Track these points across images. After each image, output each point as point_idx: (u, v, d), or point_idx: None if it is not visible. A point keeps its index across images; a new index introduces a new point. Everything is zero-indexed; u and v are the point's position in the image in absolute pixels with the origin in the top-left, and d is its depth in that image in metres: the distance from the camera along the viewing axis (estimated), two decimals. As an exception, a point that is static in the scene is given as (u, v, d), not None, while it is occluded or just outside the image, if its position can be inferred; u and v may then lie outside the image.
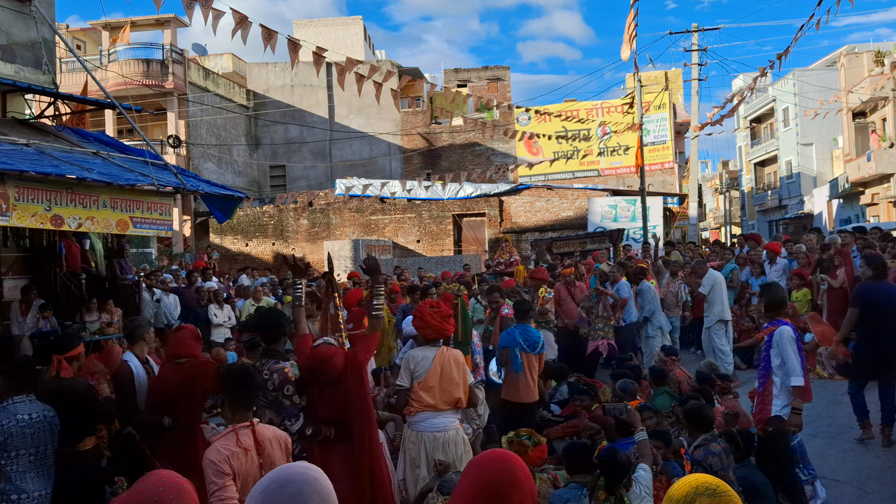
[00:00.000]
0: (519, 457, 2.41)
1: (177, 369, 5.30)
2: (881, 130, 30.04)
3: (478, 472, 2.28)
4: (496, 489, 2.21)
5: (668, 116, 32.42)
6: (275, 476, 1.91)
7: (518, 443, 5.20)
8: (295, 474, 1.91)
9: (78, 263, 10.35)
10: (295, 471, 1.93)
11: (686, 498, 2.00)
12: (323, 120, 35.12)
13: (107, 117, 25.91)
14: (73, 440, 4.90)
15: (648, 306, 10.72)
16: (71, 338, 5.53)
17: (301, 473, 1.92)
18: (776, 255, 12.69)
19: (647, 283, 10.89)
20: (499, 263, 12.56)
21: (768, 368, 5.58)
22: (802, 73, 40.61)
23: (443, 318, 5.33)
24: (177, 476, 2.21)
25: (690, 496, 2.00)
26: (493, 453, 2.40)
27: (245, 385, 3.86)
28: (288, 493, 1.84)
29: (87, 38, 32.55)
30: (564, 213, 27.54)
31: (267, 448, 3.74)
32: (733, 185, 57.36)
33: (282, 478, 1.90)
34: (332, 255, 22.54)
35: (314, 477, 1.91)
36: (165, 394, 5.25)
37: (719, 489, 2.01)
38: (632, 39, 14.11)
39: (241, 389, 3.84)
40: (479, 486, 2.23)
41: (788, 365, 5.41)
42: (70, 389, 5.00)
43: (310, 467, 1.97)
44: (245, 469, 3.62)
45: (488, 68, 38.31)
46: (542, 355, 7.23)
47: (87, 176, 7.33)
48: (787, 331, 5.46)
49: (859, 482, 6.32)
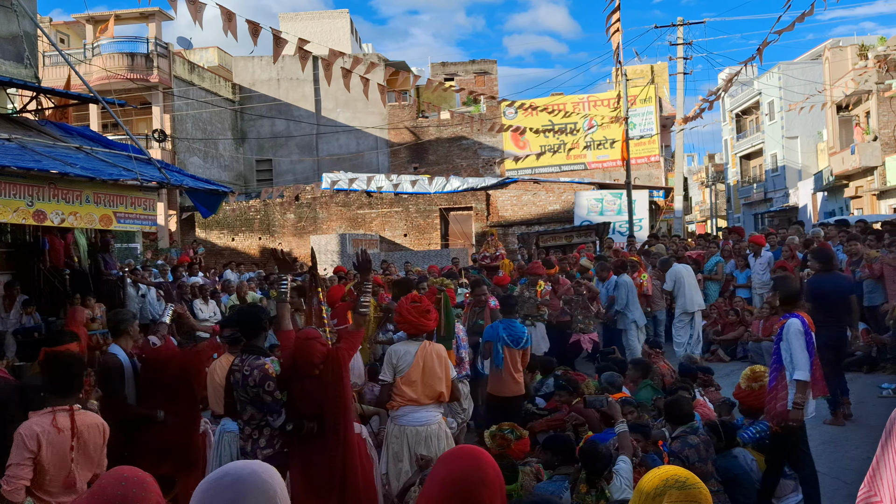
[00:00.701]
0: (489, 453, 2.39)
1: (159, 354, 5.48)
2: (865, 124, 30.22)
3: (447, 471, 2.26)
4: (466, 488, 2.18)
5: (655, 110, 32.52)
6: (216, 471, 1.96)
7: (501, 436, 5.22)
8: (233, 468, 1.95)
9: (62, 259, 10.29)
10: (234, 465, 1.97)
11: (656, 490, 2.02)
12: (309, 114, 35.01)
13: (91, 111, 25.70)
14: None
15: (621, 300, 10.79)
16: (63, 335, 5.56)
17: (240, 467, 1.95)
18: (760, 247, 12.77)
19: (624, 276, 10.95)
20: (485, 257, 12.51)
21: (780, 362, 5.49)
22: (787, 67, 40.72)
23: (420, 314, 5.35)
24: (138, 471, 2.22)
25: (660, 488, 2.02)
26: (463, 450, 2.37)
27: (60, 374, 4.01)
28: (224, 484, 1.88)
29: (71, 31, 32.28)
30: (551, 207, 27.59)
31: (84, 433, 3.92)
32: (719, 178, 57.53)
33: (221, 471, 1.94)
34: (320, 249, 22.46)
35: (253, 470, 1.93)
36: (153, 382, 5.39)
37: (689, 481, 2.03)
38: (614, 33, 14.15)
39: (58, 377, 4.01)
40: (448, 484, 2.21)
41: (793, 358, 5.37)
42: None
43: (252, 463, 1.99)
44: (56, 448, 3.81)
45: (475, 62, 38.30)
46: (526, 350, 7.26)
47: (70, 171, 7.30)
48: (796, 324, 5.38)
49: (838, 473, 6.39)
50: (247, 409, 4.59)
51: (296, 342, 4.70)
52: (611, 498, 4.35)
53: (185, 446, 5.40)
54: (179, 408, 5.36)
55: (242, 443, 4.72)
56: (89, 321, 9.55)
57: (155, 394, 5.38)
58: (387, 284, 10.79)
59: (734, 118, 51.06)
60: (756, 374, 6.20)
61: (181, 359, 5.58)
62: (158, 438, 5.27)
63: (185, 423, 5.40)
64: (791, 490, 5.99)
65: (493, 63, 37.94)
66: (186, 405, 5.45)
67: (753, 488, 5.56)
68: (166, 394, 5.36)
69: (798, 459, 5.53)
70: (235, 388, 4.61)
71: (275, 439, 4.66)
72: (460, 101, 34.27)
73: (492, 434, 5.21)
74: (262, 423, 4.60)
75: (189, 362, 5.54)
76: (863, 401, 8.30)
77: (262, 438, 4.63)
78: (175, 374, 5.44)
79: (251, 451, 4.62)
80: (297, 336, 4.77)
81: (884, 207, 28.11)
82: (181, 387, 5.43)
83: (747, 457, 5.76)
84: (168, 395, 5.35)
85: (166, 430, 5.28)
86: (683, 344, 11.10)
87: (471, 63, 38.27)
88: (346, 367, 4.75)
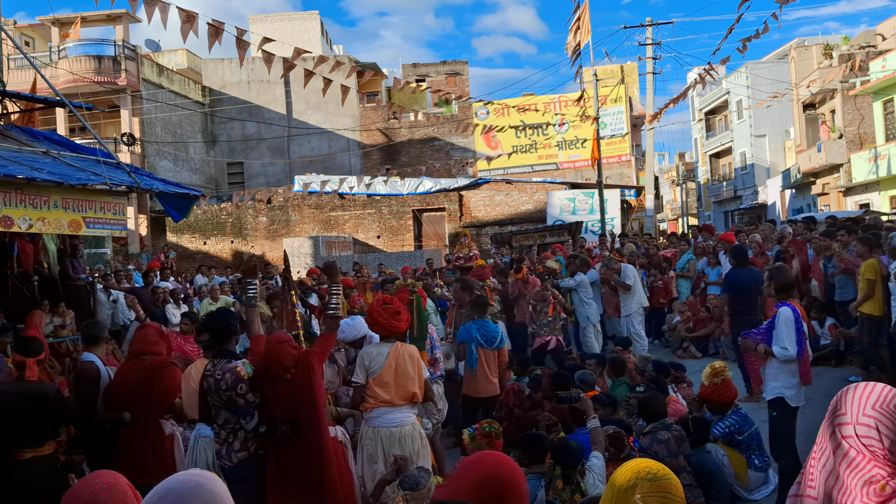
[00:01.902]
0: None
1: (139, 365, 5.44)
2: (830, 122, 30.70)
3: (478, 474, 2.36)
4: (500, 489, 2.30)
5: (625, 110, 32.77)
6: (157, 488, 1.92)
7: (483, 434, 5.24)
8: (175, 482, 1.92)
9: (31, 264, 10.14)
10: (176, 480, 1.94)
11: (628, 483, 2.04)
12: (281, 116, 34.83)
13: (58, 116, 25.37)
14: (34, 444, 4.87)
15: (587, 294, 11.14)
16: (30, 343, 5.50)
17: (182, 481, 1.93)
18: (731, 244, 12.89)
19: (580, 274, 11.20)
20: (458, 258, 12.56)
21: (766, 341, 5.64)
22: (755, 66, 41.28)
23: (391, 315, 5.35)
24: (110, 476, 2.20)
25: (632, 481, 2.04)
26: (490, 455, 2.49)
27: None
28: (170, 502, 1.86)
29: (36, 34, 31.84)
30: (524, 207, 27.70)
31: None
32: (689, 176, 58.13)
33: (163, 488, 1.91)
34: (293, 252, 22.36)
35: (197, 482, 1.92)
36: (125, 390, 5.37)
37: (660, 473, 2.05)
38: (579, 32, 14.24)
39: None
40: (482, 486, 2.32)
41: (778, 338, 5.52)
42: (39, 393, 4.97)
43: (195, 474, 1.97)
44: None
45: (446, 63, 38.38)
46: (501, 350, 7.28)
47: (37, 176, 7.19)
48: (787, 312, 5.51)
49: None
50: (221, 413, 4.56)
51: (267, 346, 4.69)
52: (586, 493, 4.38)
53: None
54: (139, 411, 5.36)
55: (218, 447, 4.69)
56: (59, 328, 9.44)
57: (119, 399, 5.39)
58: (359, 286, 10.79)
59: (703, 117, 51.63)
60: (716, 369, 6.30)
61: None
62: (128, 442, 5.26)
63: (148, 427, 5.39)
64: (762, 483, 6.08)
65: (464, 64, 38.04)
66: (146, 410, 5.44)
67: (726, 482, 5.64)
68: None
69: (781, 447, 5.62)
70: (209, 392, 4.59)
71: (249, 442, 4.64)
72: (432, 102, 34.30)
73: (471, 435, 5.24)
74: (237, 427, 4.58)
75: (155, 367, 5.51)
76: (830, 394, 8.34)
77: (237, 441, 4.61)
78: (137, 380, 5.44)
79: (226, 455, 4.60)
80: (269, 340, 4.76)
81: (850, 204, 28.59)
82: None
83: (718, 451, 5.84)
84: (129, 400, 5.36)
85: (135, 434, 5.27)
86: (645, 337, 11.54)
87: (442, 64, 38.33)
88: (319, 371, 4.74)
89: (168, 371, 5.49)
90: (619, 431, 5.24)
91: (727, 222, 43.21)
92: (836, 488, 2.03)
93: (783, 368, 5.55)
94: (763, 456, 6.12)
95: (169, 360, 5.68)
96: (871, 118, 28.20)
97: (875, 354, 8.86)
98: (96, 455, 5.41)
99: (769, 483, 6.09)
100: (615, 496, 2.05)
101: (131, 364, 5.54)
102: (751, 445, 6.08)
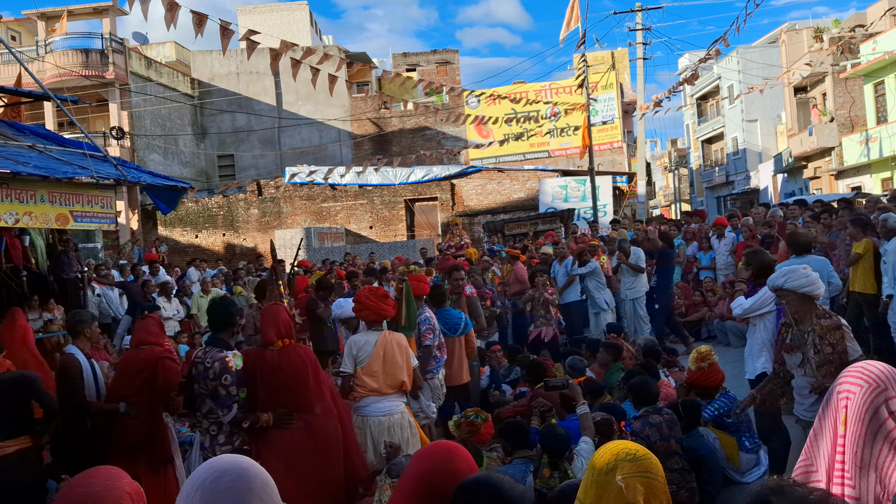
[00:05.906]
0: (462, 447, 2.45)
1: (138, 354, 5.45)
2: (821, 105, 30.71)
3: (419, 465, 2.32)
4: (438, 482, 2.24)
5: (616, 96, 32.71)
6: (204, 473, 1.84)
7: (468, 423, 5.24)
8: (226, 465, 1.85)
9: (20, 259, 10.09)
10: (224, 462, 1.87)
11: (608, 465, 2.04)
12: (271, 107, 34.66)
13: (46, 110, 25.20)
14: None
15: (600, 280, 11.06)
16: None
17: (232, 463, 1.86)
18: (723, 229, 12.94)
19: (593, 262, 11.08)
20: (450, 247, 12.56)
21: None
22: (746, 51, 41.23)
23: (378, 298, 5.34)
24: (110, 469, 2.14)
25: (612, 463, 2.04)
26: (435, 446, 2.44)
27: None
28: (225, 486, 1.79)
29: (23, 28, 31.58)
30: (516, 195, 27.66)
31: None
32: (682, 162, 58.13)
33: (212, 471, 1.83)
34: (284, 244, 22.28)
35: (249, 462, 1.88)
36: (125, 380, 5.38)
37: (639, 454, 2.05)
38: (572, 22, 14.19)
39: None
40: (421, 479, 2.27)
41: (745, 300, 5.63)
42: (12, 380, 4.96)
43: (238, 456, 1.93)
44: None
45: (437, 52, 38.24)
46: (468, 335, 7.23)
47: (23, 170, 7.14)
48: (766, 290, 5.47)
49: (795, 447, 6.49)
50: (206, 402, 4.53)
51: (263, 311, 4.74)
52: (574, 479, 4.38)
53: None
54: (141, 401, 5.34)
55: (201, 437, 4.67)
56: (48, 323, 9.39)
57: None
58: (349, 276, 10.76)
59: (695, 103, 51.59)
60: (702, 354, 6.30)
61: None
62: (126, 434, 5.25)
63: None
64: (754, 464, 6.10)
65: (454, 52, 37.91)
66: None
67: (719, 466, 5.65)
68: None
69: (768, 427, 5.63)
70: (196, 380, 4.56)
71: (234, 436, 4.61)
72: (422, 91, 34.21)
73: (456, 423, 5.23)
74: (214, 417, 4.57)
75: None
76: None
77: (221, 434, 4.58)
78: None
79: (209, 447, 4.56)
80: (265, 307, 4.84)
81: (841, 187, 28.64)
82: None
83: (710, 435, 5.85)
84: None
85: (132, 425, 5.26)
86: (649, 323, 11.29)
87: (432, 53, 38.20)
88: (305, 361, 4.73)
89: (164, 363, 5.49)
90: (607, 418, 5.23)
91: (720, 208, 43.25)
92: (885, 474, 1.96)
93: (765, 346, 5.56)
94: (753, 437, 6.13)
95: (165, 351, 5.69)
96: (861, 101, 28.21)
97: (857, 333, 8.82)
98: (77, 450, 5.38)
99: (760, 465, 6.10)
100: (596, 479, 2.05)
101: (132, 354, 5.59)
102: (740, 427, 6.09)
